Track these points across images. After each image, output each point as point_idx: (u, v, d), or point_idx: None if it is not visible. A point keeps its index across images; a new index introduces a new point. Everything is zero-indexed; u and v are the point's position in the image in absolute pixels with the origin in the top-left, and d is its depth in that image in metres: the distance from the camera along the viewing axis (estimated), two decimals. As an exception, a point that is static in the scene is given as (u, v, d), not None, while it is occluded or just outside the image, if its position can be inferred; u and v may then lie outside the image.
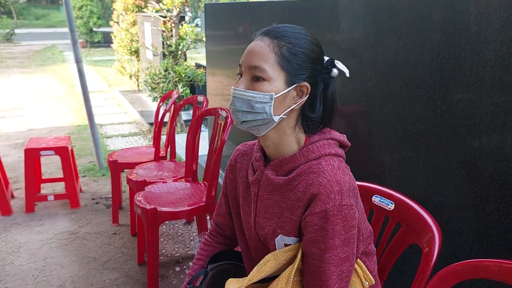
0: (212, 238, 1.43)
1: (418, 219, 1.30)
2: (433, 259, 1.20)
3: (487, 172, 1.42)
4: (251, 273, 1.10)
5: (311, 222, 1.04)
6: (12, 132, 5.94)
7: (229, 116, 2.45)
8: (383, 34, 1.76)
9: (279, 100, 1.06)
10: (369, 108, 1.88)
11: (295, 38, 1.06)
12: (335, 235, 1.02)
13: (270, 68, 1.04)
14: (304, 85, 1.07)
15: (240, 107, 1.08)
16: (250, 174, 1.21)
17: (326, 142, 1.11)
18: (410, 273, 1.75)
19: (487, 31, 1.36)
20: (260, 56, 1.04)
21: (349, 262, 1.07)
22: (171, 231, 3.20)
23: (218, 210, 1.41)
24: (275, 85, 1.04)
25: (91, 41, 16.60)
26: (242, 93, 1.07)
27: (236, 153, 1.32)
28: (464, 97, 1.46)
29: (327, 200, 1.01)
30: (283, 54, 1.04)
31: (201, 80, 5.52)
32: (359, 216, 1.08)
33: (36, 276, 2.62)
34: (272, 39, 1.05)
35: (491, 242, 1.43)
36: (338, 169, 1.06)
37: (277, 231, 1.12)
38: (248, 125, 1.09)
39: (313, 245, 1.04)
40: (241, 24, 3.25)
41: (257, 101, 1.05)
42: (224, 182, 1.34)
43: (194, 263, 1.38)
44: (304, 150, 1.10)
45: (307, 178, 1.06)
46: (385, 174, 1.84)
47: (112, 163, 3.18)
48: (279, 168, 1.13)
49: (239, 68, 1.11)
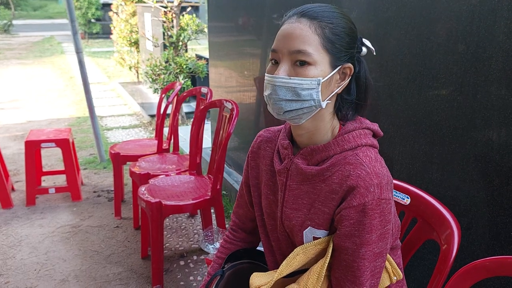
0: (233, 234, 1.37)
1: (436, 214, 1.26)
2: (452, 257, 1.16)
3: (505, 166, 1.38)
4: (280, 267, 1.06)
5: (348, 215, 0.99)
6: (11, 124, 5.88)
7: (234, 108, 2.40)
8: (394, 25, 1.71)
9: (325, 85, 1.00)
10: (380, 101, 1.84)
11: (335, 18, 1.00)
12: (372, 229, 0.98)
13: (315, 51, 0.97)
14: (347, 67, 1.02)
15: (284, 96, 0.99)
16: (276, 162, 1.15)
17: (362, 132, 1.06)
18: (423, 269, 1.71)
19: (505, 19, 1.31)
20: (303, 39, 0.97)
21: (382, 258, 1.03)
22: (174, 225, 3.16)
23: (239, 201, 1.35)
24: (321, 68, 0.98)
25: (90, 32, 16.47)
26: (286, 80, 0.98)
27: (259, 139, 1.25)
28: (482, 89, 1.41)
29: (366, 194, 0.96)
30: (327, 36, 0.98)
31: (202, 72, 5.46)
32: (393, 210, 1.04)
33: (39, 270, 2.58)
34: (312, 20, 0.98)
35: (509, 238, 1.40)
36: (376, 161, 1.01)
37: (307, 223, 1.07)
38: (292, 114, 1.01)
39: (347, 240, 1.00)
40: (244, 15, 3.19)
41: (304, 88, 0.98)
42: (246, 170, 1.28)
43: (214, 261, 1.33)
44: (340, 140, 1.04)
45: (343, 169, 1.01)
46: (396, 168, 1.80)
47: (114, 155, 3.13)
48: (310, 157, 1.07)
49: (273, 54, 1.03)
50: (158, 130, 3.36)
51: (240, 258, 1.32)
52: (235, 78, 3.42)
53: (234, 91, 3.48)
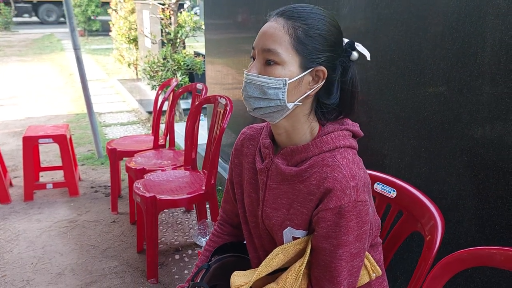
0: (221, 228, 1.39)
1: (420, 206, 1.28)
2: (435, 247, 1.18)
3: (490, 159, 1.40)
4: (259, 267, 1.07)
5: (324, 217, 0.99)
6: (10, 120, 5.90)
7: (228, 104, 2.43)
8: (383, 21, 1.74)
9: (294, 86, 0.99)
10: (370, 96, 1.86)
11: (311, 19, 0.98)
12: (349, 231, 0.99)
13: (283, 51, 0.97)
14: (320, 70, 1.00)
15: (252, 93, 1.01)
16: (258, 161, 1.16)
17: (341, 133, 1.06)
18: (411, 261, 1.74)
19: (492, 15, 1.34)
20: (274, 38, 0.98)
21: (359, 258, 1.04)
22: (170, 220, 3.19)
23: (226, 197, 1.36)
24: (289, 69, 0.98)
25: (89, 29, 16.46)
26: (254, 78, 1.00)
27: (242, 136, 1.25)
28: (468, 84, 1.44)
29: (342, 196, 0.97)
30: (298, 36, 0.97)
31: (200, 69, 5.48)
32: (372, 210, 1.05)
33: (35, 264, 2.61)
34: (287, 20, 0.98)
35: (494, 230, 1.42)
36: (353, 163, 1.02)
37: (286, 223, 1.08)
38: (261, 112, 1.03)
39: (325, 241, 1.01)
40: (240, 12, 3.21)
41: (270, 87, 0.99)
42: (230, 168, 1.29)
43: (202, 253, 1.35)
44: (318, 141, 1.04)
45: (321, 171, 1.01)
46: (385, 162, 1.82)
47: (111, 151, 3.16)
48: (290, 157, 1.07)
49: (252, 51, 1.03)
50: (155, 126, 3.39)
51: (227, 252, 1.34)
52: (231, 74, 3.44)
53: (231, 87, 3.50)
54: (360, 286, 1.16)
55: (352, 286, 1.07)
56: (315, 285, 1.08)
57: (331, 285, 1.04)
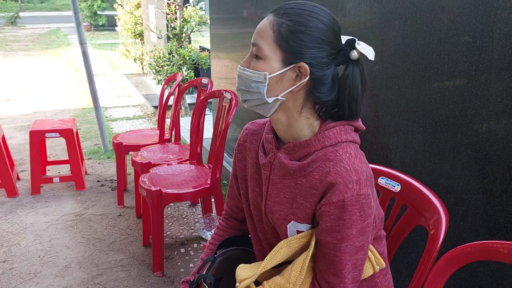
0: (226, 222, 1.40)
1: (424, 200, 1.29)
2: (439, 241, 1.19)
3: (495, 154, 1.40)
4: (264, 260, 1.08)
5: (328, 211, 1.00)
6: (17, 114, 5.95)
7: (233, 98, 2.43)
8: (389, 15, 1.73)
9: (276, 81, 1.01)
10: (375, 91, 1.86)
11: (297, 16, 0.99)
12: (352, 225, 1.00)
13: (267, 46, 1.00)
14: (302, 66, 0.99)
15: (240, 85, 1.07)
16: (261, 155, 1.17)
17: (343, 128, 1.06)
18: (415, 255, 1.74)
19: (498, 9, 1.33)
20: (261, 34, 1.02)
21: (363, 251, 1.05)
22: (176, 213, 3.21)
23: (230, 192, 1.38)
24: (271, 64, 1.01)
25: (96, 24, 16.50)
26: (242, 71, 1.06)
27: (245, 132, 1.27)
28: (473, 78, 1.43)
29: (345, 190, 0.98)
30: (281, 32, 0.99)
31: (205, 63, 5.48)
32: (374, 204, 1.06)
33: (42, 257, 2.64)
34: (275, 16, 1.01)
35: (499, 224, 1.42)
36: (356, 157, 1.02)
37: (290, 217, 1.09)
38: (249, 104, 1.07)
39: (328, 235, 1.02)
40: (245, 7, 3.20)
41: (253, 80, 1.03)
42: (234, 163, 1.31)
43: (208, 247, 1.37)
44: (320, 136, 1.05)
45: (323, 165, 1.02)
46: (390, 157, 1.82)
47: (117, 145, 3.17)
48: (292, 152, 1.08)
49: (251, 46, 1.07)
50: (160, 120, 3.40)
51: (232, 245, 1.35)
52: (236, 69, 3.44)
53: (236, 82, 3.50)
54: (364, 279, 1.17)
55: (356, 279, 1.08)
56: (319, 278, 1.09)
57: (336, 278, 1.05)
